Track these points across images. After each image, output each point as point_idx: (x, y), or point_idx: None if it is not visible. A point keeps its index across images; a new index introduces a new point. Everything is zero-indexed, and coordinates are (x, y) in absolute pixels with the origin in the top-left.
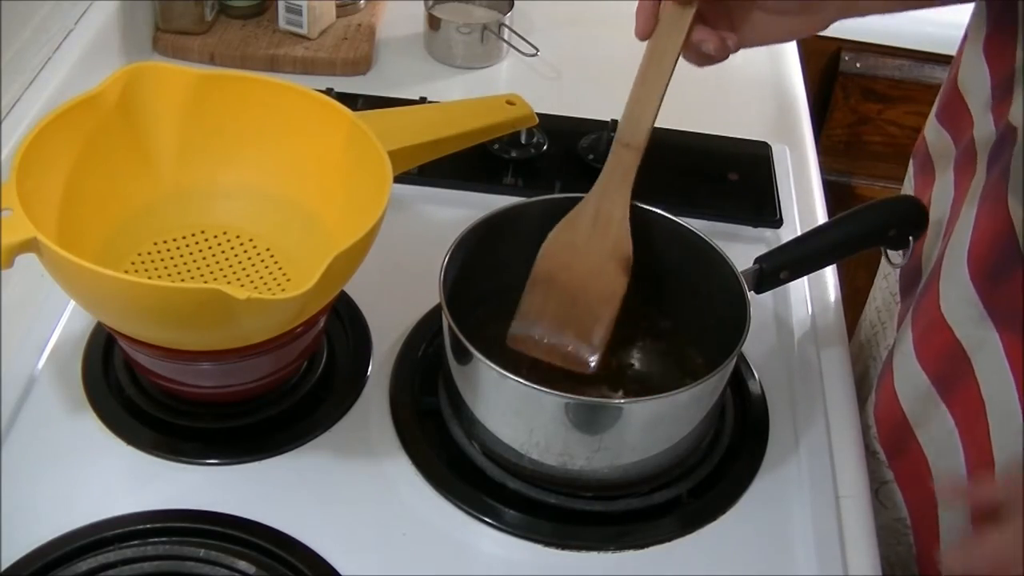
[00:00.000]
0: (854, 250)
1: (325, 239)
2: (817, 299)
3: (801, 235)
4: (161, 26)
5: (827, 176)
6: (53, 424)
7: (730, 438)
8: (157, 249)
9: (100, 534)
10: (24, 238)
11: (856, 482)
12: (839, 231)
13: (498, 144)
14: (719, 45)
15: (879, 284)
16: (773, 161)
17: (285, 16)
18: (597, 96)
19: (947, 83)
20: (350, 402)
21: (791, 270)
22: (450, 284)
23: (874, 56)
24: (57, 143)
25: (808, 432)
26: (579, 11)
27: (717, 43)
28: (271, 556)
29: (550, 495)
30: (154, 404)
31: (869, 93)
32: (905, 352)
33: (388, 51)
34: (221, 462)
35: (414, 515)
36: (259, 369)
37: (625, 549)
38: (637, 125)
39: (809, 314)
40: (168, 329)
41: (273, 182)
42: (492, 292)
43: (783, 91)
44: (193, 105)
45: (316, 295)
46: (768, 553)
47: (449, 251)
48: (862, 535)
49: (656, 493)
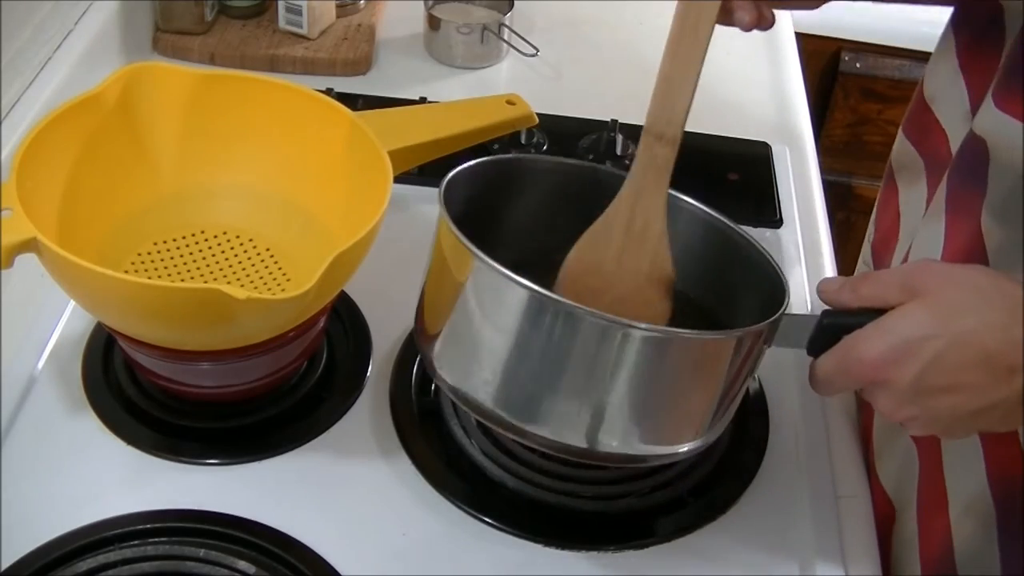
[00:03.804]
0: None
1: (325, 239)
2: (817, 299)
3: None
4: (161, 26)
5: (827, 176)
6: (53, 424)
7: (730, 438)
8: (157, 249)
9: (100, 534)
10: (24, 238)
11: (856, 482)
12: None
13: (498, 144)
14: (754, 18)
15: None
16: (773, 161)
17: (285, 16)
18: (597, 96)
19: (915, 97)
20: (350, 402)
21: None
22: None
23: (874, 56)
24: (57, 143)
25: (808, 432)
26: (579, 11)
27: (753, 16)
28: (271, 556)
29: (550, 495)
30: (154, 404)
31: (869, 93)
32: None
33: (388, 51)
34: (221, 462)
35: (414, 515)
36: (259, 369)
37: (625, 549)
38: (672, 111)
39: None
40: (168, 329)
41: (273, 182)
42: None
43: (783, 91)
44: (193, 105)
45: (316, 295)
46: (768, 553)
47: (444, 184)
48: (862, 535)
49: (656, 493)
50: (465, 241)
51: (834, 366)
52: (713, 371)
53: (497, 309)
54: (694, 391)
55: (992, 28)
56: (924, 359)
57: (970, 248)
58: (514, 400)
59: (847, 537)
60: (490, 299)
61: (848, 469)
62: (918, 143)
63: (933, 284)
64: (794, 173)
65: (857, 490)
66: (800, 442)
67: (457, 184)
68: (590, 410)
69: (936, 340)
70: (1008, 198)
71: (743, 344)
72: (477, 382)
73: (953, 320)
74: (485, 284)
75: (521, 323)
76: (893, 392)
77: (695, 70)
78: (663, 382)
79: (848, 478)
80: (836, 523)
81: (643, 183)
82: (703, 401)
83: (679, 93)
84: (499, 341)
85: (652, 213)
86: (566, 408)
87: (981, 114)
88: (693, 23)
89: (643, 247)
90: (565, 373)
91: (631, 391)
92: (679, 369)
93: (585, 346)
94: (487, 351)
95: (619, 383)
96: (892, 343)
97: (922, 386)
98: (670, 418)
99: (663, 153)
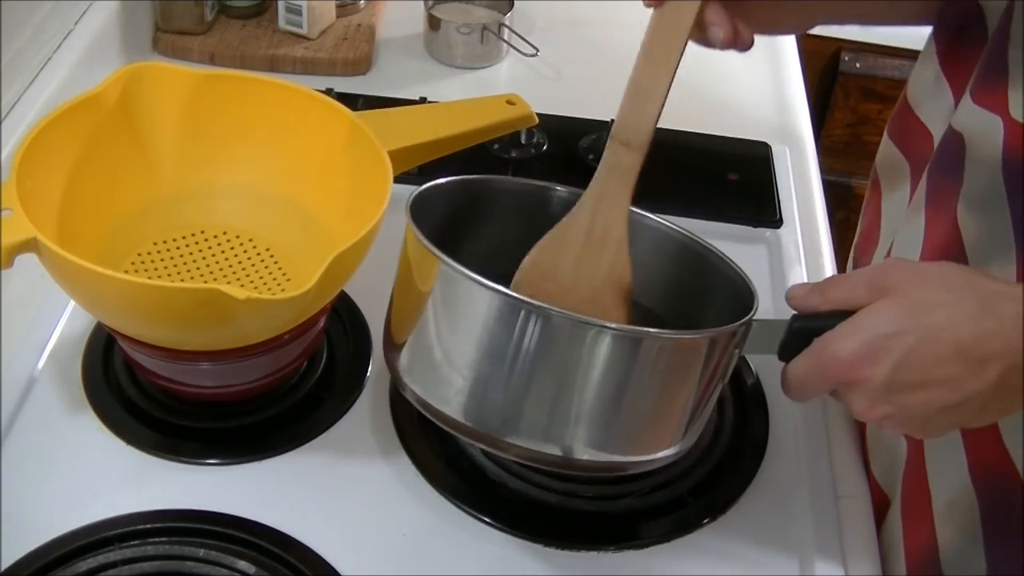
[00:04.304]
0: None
1: (325, 239)
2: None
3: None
4: (161, 26)
5: (827, 176)
6: (53, 424)
7: (730, 438)
8: (157, 249)
9: (100, 534)
10: (24, 238)
11: (856, 482)
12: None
13: (498, 144)
14: (729, 34)
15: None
16: (773, 161)
17: (285, 16)
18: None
19: (899, 101)
20: (350, 402)
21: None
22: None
23: (874, 56)
24: (57, 143)
25: (808, 432)
26: (579, 11)
27: (728, 32)
28: (271, 556)
29: (550, 495)
30: (154, 404)
31: (869, 93)
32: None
33: (388, 51)
34: (221, 462)
35: (414, 515)
36: (259, 369)
37: (625, 549)
38: (640, 117)
39: None
40: (168, 329)
41: (273, 182)
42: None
43: (783, 91)
44: (193, 105)
45: (316, 295)
46: (768, 553)
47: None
48: (862, 535)
49: (656, 493)
50: (430, 246)
51: (807, 368)
52: (686, 374)
53: (463, 314)
54: (667, 395)
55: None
56: (897, 355)
57: (948, 242)
58: (485, 410)
59: (847, 537)
60: (456, 304)
61: (848, 469)
62: (903, 145)
63: (902, 282)
64: (794, 173)
65: (857, 490)
66: (800, 442)
67: (425, 201)
68: (563, 416)
69: (908, 335)
70: (983, 189)
71: (716, 346)
72: (447, 393)
73: (924, 315)
74: (451, 289)
75: (488, 327)
76: (867, 391)
77: (667, 77)
78: (636, 384)
79: (848, 478)
80: (836, 523)
81: (606, 188)
82: (677, 406)
83: (650, 99)
84: (467, 348)
85: (613, 218)
86: (538, 416)
87: (959, 110)
88: (668, 30)
89: (602, 252)
90: (535, 377)
91: (604, 394)
92: (652, 371)
93: (555, 348)
94: (455, 359)
95: (591, 386)
96: (864, 340)
97: (896, 383)
98: (645, 424)
99: (629, 159)
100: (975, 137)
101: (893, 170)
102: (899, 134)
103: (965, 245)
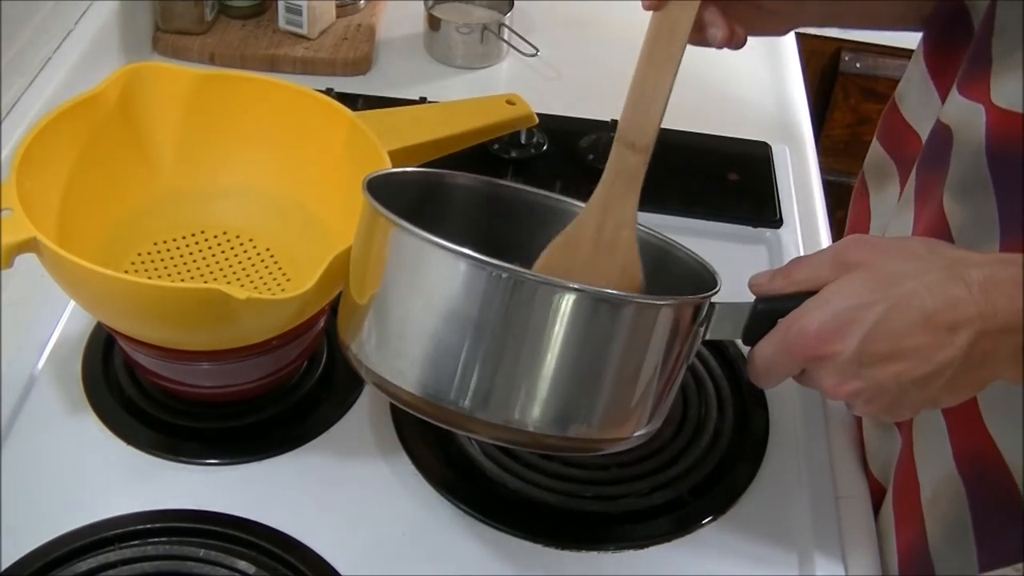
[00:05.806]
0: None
1: (325, 239)
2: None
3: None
4: (161, 26)
5: (827, 176)
6: (53, 424)
7: (730, 438)
8: (157, 249)
9: (100, 534)
10: (24, 238)
11: (856, 482)
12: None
13: (498, 144)
14: (727, 35)
15: None
16: (773, 161)
17: (285, 16)
18: (597, 96)
19: (888, 104)
20: (350, 402)
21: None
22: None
23: (874, 56)
24: (57, 143)
25: (808, 432)
26: (579, 11)
27: (726, 32)
28: (271, 556)
29: (550, 495)
30: (154, 404)
31: (869, 93)
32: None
33: (388, 51)
34: (221, 462)
35: (414, 515)
36: (259, 369)
37: (625, 549)
38: (644, 119)
39: None
40: (168, 329)
41: (273, 182)
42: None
43: (783, 91)
44: (193, 105)
45: (316, 295)
46: (768, 553)
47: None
48: (862, 535)
49: (656, 493)
50: (382, 210)
51: (774, 347)
52: (649, 345)
53: (419, 278)
54: (631, 365)
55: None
56: (865, 326)
57: (935, 231)
58: (444, 385)
59: (847, 537)
60: (411, 268)
61: (848, 469)
62: (891, 147)
63: (866, 256)
64: (794, 173)
65: (856, 490)
66: (800, 442)
67: (383, 187)
68: (527, 388)
69: (876, 306)
70: (968, 176)
71: (680, 321)
72: (404, 366)
73: (891, 286)
74: (404, 252)
75: (448, 292)
76: (836, 366)
77: (670, 78)
78: (600, 349)
79: (848, 478)
80: (836, 523)
81: (613, 191)
82: (642, 380)
83: (653, 101)
84: (425, 317)
85: (622, 221)
86: (501, 390)
87: (947, 104)
88: (668, 30)
89: (613, 256)
90: (496, 344)
91: (567, 362)
92: (615, 336)
93: (518, 312)
94: (412, 330)
95: (554, 352)
96: (832, 312)
97: (865, 355)
98: (610, 396)
99: (634, 161)
100: (960, 127)
101: (881, 172)
102: (887, 136)
103: (952, 232)
